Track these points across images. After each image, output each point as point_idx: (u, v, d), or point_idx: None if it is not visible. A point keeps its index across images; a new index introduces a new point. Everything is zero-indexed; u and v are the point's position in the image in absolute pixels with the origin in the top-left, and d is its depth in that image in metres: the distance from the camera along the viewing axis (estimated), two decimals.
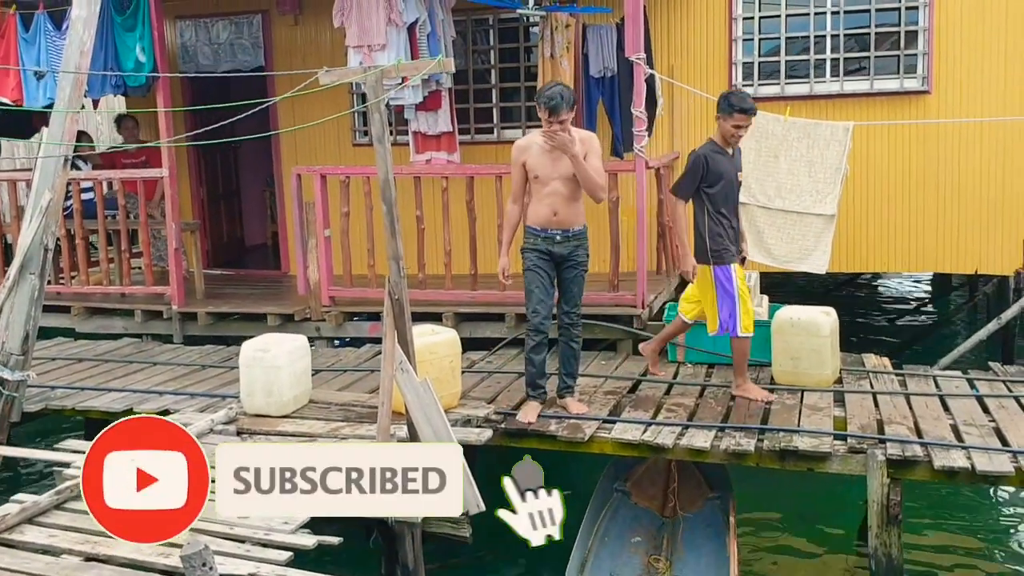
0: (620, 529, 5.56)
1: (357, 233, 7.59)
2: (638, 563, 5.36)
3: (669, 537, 5.54)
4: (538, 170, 5.50)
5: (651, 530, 5.61)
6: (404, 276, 4.74)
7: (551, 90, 5.36)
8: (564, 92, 5.35)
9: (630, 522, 5.65)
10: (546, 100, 5.30)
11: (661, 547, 5.49)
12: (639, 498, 5.82)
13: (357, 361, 7.17)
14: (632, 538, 5.53)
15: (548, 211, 5.52)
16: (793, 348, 6.15)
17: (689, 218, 5.96)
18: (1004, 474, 4.76)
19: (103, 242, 8.31)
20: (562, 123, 5.29)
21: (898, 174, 7.86)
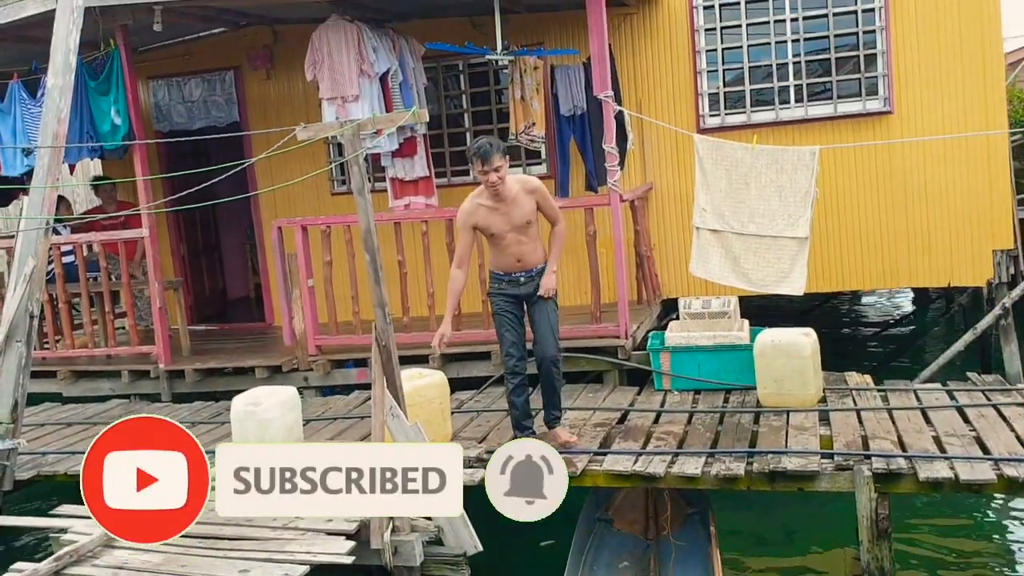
0: (607, 557, 5.64)
1: (340, 281, 7.67)
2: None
3: (655, 558, 5.63)
4: (492, 228, 5.54)
5: (637, 553, 5.69)
6: (390, 322, 4.83)
7: (478, 141, 5.34)
8: (492, 140, 5.37)
9: (616, 548, 5.71)
10: (476, 150, 5.26)
11: (648, 569, 5.57)
12: (621, 524, 5.90)
13: (347, 408, 7.21)
14: (619, 564, 5.61)
15: (512, 259, 5.61)
16: (776, 370, 6.26)
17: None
18: (987, 482, 4.86)
19: (86, 305, 8.33)
20: (497, 170, 5.29)
21: (867, 194, 8.04)
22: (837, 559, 6.10)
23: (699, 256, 7.07)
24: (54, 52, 6.06)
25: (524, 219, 5.47)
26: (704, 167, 6.91)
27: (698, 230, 7.05)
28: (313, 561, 4.35)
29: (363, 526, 4.71)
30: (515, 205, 5.44)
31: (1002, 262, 7.77)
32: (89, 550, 4.54)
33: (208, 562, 4.42)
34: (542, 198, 5.53)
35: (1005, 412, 5.80)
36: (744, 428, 5.93)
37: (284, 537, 4.64)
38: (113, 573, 4.35)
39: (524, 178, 5.61)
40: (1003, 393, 6.24)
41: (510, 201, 5.42)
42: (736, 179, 6.82)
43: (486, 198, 5.45)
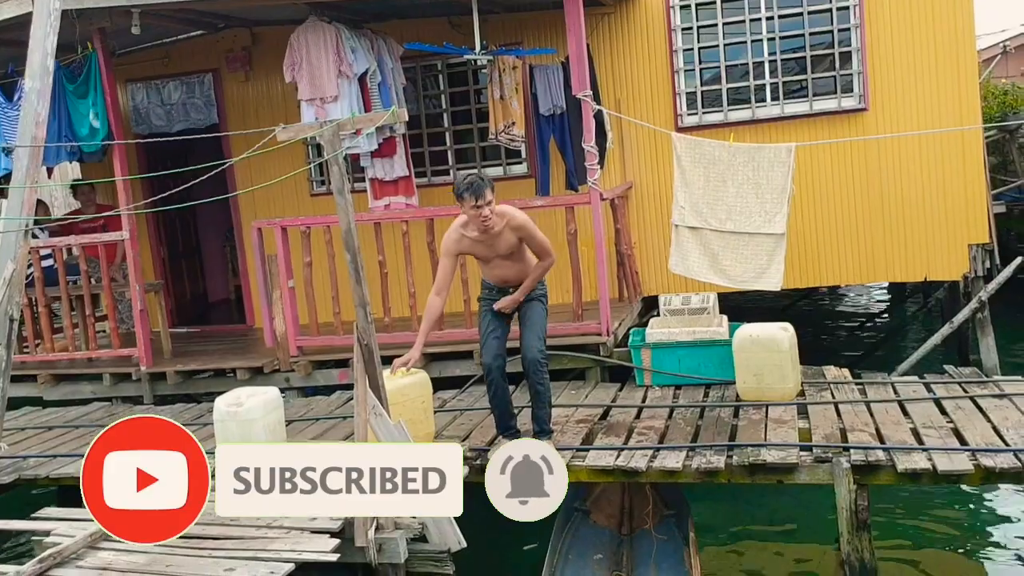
0: (582, 548, 5.72)
1: (321, 281, 7.68)
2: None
3: (628, 553, 5.71)
4: (478, 254, 5.61)
5: (611, 547, 5.78)
6: (372, 321, 4.84)
7: (468, 177, 5.28)
8: (481, 175, 5.34)
9: (591, 540, 5.80)
10: (467, 186, 5.20)
11: (621, 563, 5.64)
12: (598, 517, 5.99)
13: (329, 409, 7.22)
14: (594, 556, 5.68)
15: (499, 278, 5.66)
16: (755, 365, 6.33)
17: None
18: (964, 472, 4.93)
19: (66, 308, 8.30)
20: (489, 204, 5.28)
21: (843, 190, 8.14)
22: (818, 552, 6.19)
23: (678, 253, 7.12)
24: (31, 55, 6.01)
25: (508, 250, 5.51)
26: (682, 165, 6.96)
27: (677, 227, 7.10)
28: (298, 559, 4.35)
29: (347, 524, 4.72)
30: (500, 238, 5.46)
31: (978, 256, 7.88)
32: (73, 552, 4.53)
33: (194, 562, 4.42)
34: (527, 235, 5.48)
35: (982, 404, 5.88)
36: (724, 422, 5.98)
37: (269, 536, 4.65)
38: (98, 574, 4.34)
39: (509, 213, 5.44)
40: (980, 385, 6.32)
41: (494, 234, 5.43)
42: (714, 177, 6.88)
43: (471, 230, 5.44)
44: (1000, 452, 5.01)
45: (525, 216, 5.52)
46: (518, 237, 5.47)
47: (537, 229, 5.55)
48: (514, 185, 8.63)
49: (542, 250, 5.55)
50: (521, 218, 5.47)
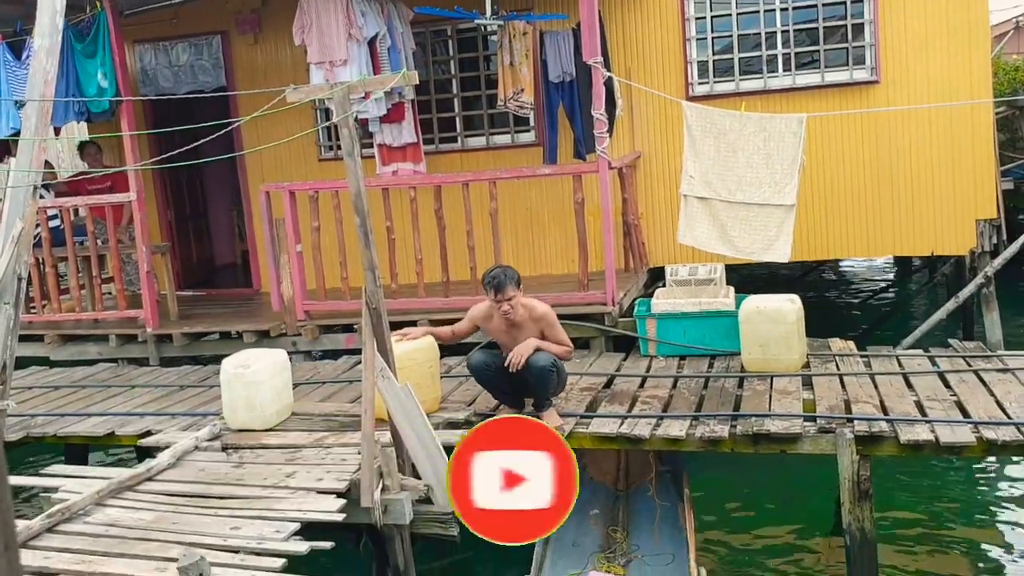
0: (579, 504, 5.76)
1: (328, 247, 7.68)
2: (598, 534, 5.64)
3: (625, 509, 5.81)
4: (496, 338, 5.78)
5: (607, 504, 5.89)
6: (380, 285, 4.85)
7: (493, 271, 5.54)
8: (507, 270, 5.55)
9: (588, 497, 5.87)
10: (490, 280, 5.46)
11: (617, 519, 5.76)
12: (594, 473, 6.10)
13: (335, 373, 7.25)
14: (590, 511, 5.78)
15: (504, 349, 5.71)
16: (761, 336, 6.33)
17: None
18: (966, 444, 4.95)
19: (73, 269, 8.31)
20: (510, 300, 5.45)
21: (853, 163, 8.10)
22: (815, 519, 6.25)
23: (687, 224, 7.10)
24: (40, 13, 5.97)
25: (525, 339, 5.57)
26: (692, 134, 6.93)
27: (686, 198, 7.07)
28: (304, 518, 4.40)
29: (353, 485, 4.77)
30: (521, 329, 5.59)
31: (985, 232, 7.86)
32: (80, 508, 4.58)
33: (199, 520, 4.47)
34: (547, 326, 5.60)
35: (985, 377, 5.90)
36: (728, 392, 6.00)
37: (275, 496, 4.70)
38: (105, 530, 4.39)
39: (531, 305, 5.59)
40: (984, 359, 6.33)
41: (517, 326, 5.59)
42: (724, 147, 6.84)
43: (497, 316, 5.60)
44: (1002, 425, 5.03)
45: (548, 308, 5.66)
46: (539, 329, 5.59)
47: (557, 321, 5.67)
48: (522, 153, 8.61)
49: (560, 342, 5.65)
50: (542, 310, 5.62)
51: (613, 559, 5.41)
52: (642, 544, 5.52)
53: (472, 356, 5.70)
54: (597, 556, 5.43)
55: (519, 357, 5.42)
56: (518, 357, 5.42)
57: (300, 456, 5.23)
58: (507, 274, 5.49)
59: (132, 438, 6.05)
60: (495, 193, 7.23)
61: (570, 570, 5.25)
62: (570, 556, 5.39)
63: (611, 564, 5.35)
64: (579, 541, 5.53)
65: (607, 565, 5.33)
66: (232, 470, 5.11)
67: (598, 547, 5.55)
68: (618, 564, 5.35)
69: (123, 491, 4.82)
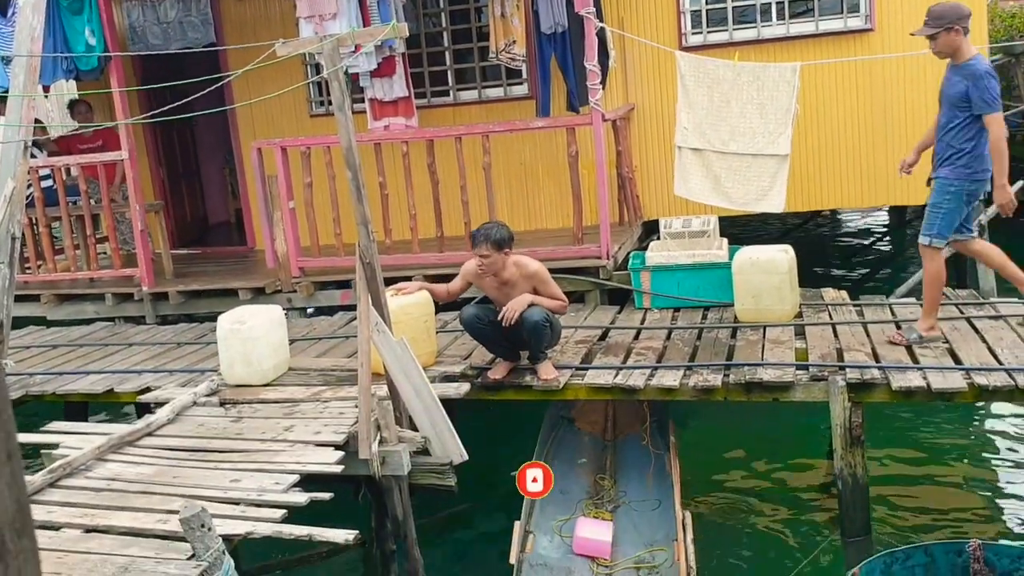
0: (567, 453, 5.93)
1: (321, 203, 7.66)
2: (586, 481, 5.73)
3: (612, 458, 5.91)
4: (489, 295, 5.78)
5: (595, 452, 5.98)
6: (374, 240, 4.86)
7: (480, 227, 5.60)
8: (491, 229, 5.52)
9: (575, 446, 6.01)
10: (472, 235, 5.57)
11: (605, 467, 5.85)
12: (583, 424, 6.20)
13: (331, 329, 7.28)
14: (578, 460, 5.88)
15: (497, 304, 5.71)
16: (754, 287, 6.36)
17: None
18: (958, 390, 5.01)
19: (67, 228, 8.30)
20: (485, 256, 5.46)
21: (847, 111, 8.06)
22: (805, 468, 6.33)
23: (681, 175, 7.09)
24: None
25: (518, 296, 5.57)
26: (686, 85, 6.90)
27: (680, 149, 7.06)
28: (303, 471, 4.45)
29: (351, 437, 4.82)
30: (513, 287, 5.59)
31: None
32: (82, 463, 4.63)
33: (200, 474, 4.52)
34: (540, 282, 5.59)
35: (978, 325, 5.94)
36: (722, 343, 6.05)
37: (274, 449, 4.75)
38: (106, 484, 4.44)
39: (523, 263, 5.60)
40: (976, 307, 6.37)
41: (510, 283, 5.59)
42: (718, 97, 6.82)
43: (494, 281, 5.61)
44: (994, 371, 5.08)
45: (539, 265, 5.65)
46: (531, 286, 5.59)
47: (550, 278, 5.66)
48: (514, 106, 8.56)
49: (554, 298, 5.64)
50: (534, 267, 5.62)
51: (601, 505, 5.50)
52: (629, 491, 5.61)
53: (464, 310, 5.72)
54: (585, 503, 5.52)
55: (512, 312, 5.44)
56: (511, 312, 5.44)
57: (298, 410, 5.28)
58: (488, 232, 5.49)
59: (131, 395, 6.10)
60: (488, 147, 7.20)
61: (559, 516, 5.35)
62: (559, 503, 5.47)
63: (599, 510, 5.44)
64: (567, 489, 5.62)
65: (595, 511, 5.42)
66: (231, 424, 5.16)
67: (586, 494, 5.63)
68: (606, 510, 5.45)
69: (123, 446, 4.87)
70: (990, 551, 4.24)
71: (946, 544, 4.38)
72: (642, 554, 5.07)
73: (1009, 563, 4.20)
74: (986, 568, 4.20)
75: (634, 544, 5.16)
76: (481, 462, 5.76)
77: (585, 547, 5.06)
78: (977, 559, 4.21)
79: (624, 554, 5.09)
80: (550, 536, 5.21)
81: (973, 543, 4.25)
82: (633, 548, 5.13)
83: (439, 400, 4.97)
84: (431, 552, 5.08)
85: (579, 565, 5.00)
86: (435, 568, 5.06)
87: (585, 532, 5.10)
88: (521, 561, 4.88)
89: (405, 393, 4.95)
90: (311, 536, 3.85)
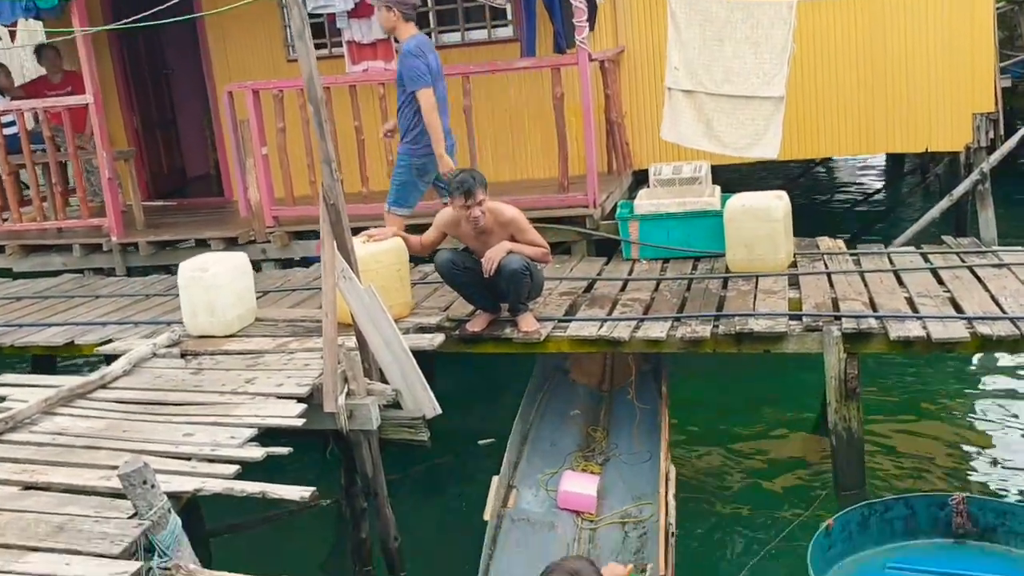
0: (559, 404, 5.73)
1: (296, 151, 7.33)
2: (577, 433, 5.53)
3: (607, 410, 5.72)
4: (467, 243, 5.47)
5: (589, 404, 5.78)
6: (338, 179, 4.53)
7: (460, 175, 5.18)
8: (475, 173, 5.22)
9: (569, 397, 5.80)
10: (458, 184, 5.11)
11: (599, 419, 5.66)
12: (578, 375, 5.97)
13: (306, 280, 6.98)
14: (571, 411, 5.67)
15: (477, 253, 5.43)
16: (746, 235, 6.07)
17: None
18: (960, 340, 4.75)
19: (33, 178, 7.97)
20: (480, 204, 5.11)
21: (845, 52, 7.70)
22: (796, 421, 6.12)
23: (671, 119, 6.77)
24: None
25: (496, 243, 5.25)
26: (677, 23, 6.55)
27: (670, 91, 6.73)
28: (262, 424, 4.19)
29: (316, 390, 4.55)
30: (491, 235, 5.27)
31: (982, 126, 7.52)
32: (27, 416, 4.35)
33: (151, 427, 4.25)
34: (517, 230, 5.28)
35: (980, 273, 5.67)
36: (712, 293, 5.78)
37: (232, 402, 4.48)
38: (51, 439, 4.17)
39: (498, 210, 5.26)
40: (978, 255, 6.09)
41: (488, 232, 5.26)
42: (710, 36, 6.48)
43: (466, 222, 5.26)
44: (998, 320, 4.82)
45: (516, 212, 5.33)
46: (508, 234, 5.27)
47: (529, 225, 5.35)
48: (499, 49, 8.18)
49: (535, 244, 5.33)
50: (510, 214, 5.30)
51: (591, 458, 5.30)
52: (621, 444, 5.41)
53: (439, 254, 5.41)
54: (575, 455, 5.30)
55: (490, 262, 5.14)
56: (489, 262, 5.14)
57: (262, 362, 5.01)
58: (475, 177, 5.16)
59: (91, 347, 5.82)
60: (469, 89, 6.86)
61: (547, 469, 5.15)
62: (547, 455, 5.28)
63: (588, 463, 5.24)
64: (557, 441, 5.43)
65: (584, 464, 5.21)
66: (190, 377, 4.89)
67: (577, 447, 5.43)
68: (595, 463, 5.25)
69: (74, 399, 4.59)
70: (974, 505, 4.12)
71: (928, 497, 4.25)
72: (628, 508, 4.85)
73: (994, 518, 4.10)
74: (970, 522, 4.04)
75: (622, 498, 4.98)
76: (460, 420, 5.54)
77: (569, 501, 4.88)
78: (960, 513, 4.09)
79: (611, 508, 4.91)
80: (535, 490, 5.02)
81: (957, 497, 4.12)
82: (620, 502, 4.95)
83: (411, 352, 4.70)
84: (404, 510, 4.84)
85: (563, 520, 4.81)
86: (408, 526, 4.82)
87: (570, 486, 4.90)
88: (501, 517, 4.69)
89: (374, 344, 4.66)
90: (264, 493, 3.58)
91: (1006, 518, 4.03)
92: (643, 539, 4.64)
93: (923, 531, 4.16)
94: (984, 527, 4.06)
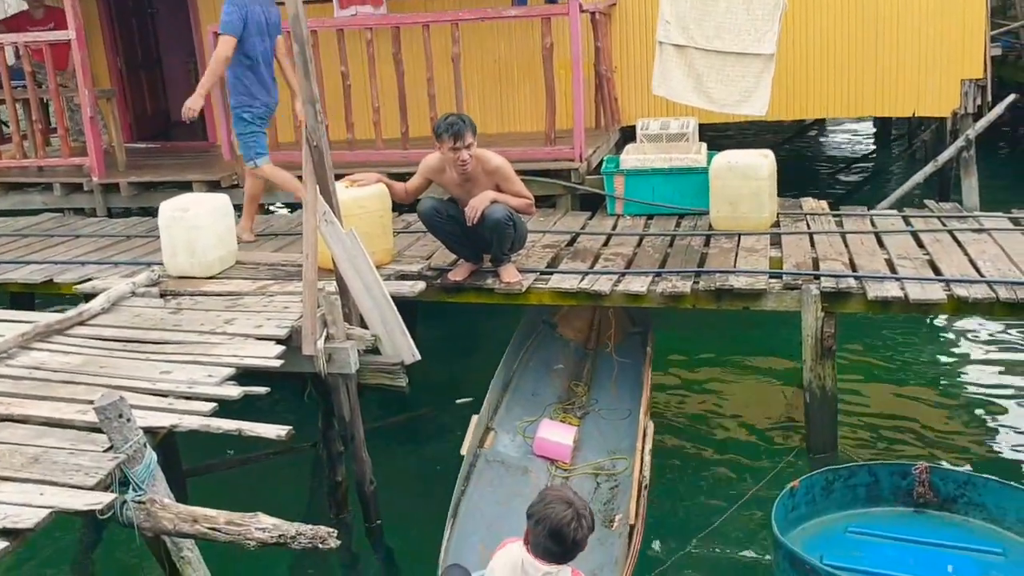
0: (544, 357, 5.76)
1: (282, 95, 7.22)
2: (559, 386, 5.58)
3: (591, 366, 5.73)
4: (451, 191, 5.40)
5: (574, 360, 5.80)
6: (322, 121, 4.49)
7: (449, 118, 5.10)
8: (463, 116, 5.14)
9: (554, 351, 5.82)
10: (447, 127, 5.04)
11: (582, 375, 5.68)
12: (565, 331, 5.98)
13: (289, 226, 6.94)
14: (555, 365, 5.71)
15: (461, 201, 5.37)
16: (731, 193, 6.07)
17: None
18: (936, 302, 4.78)
19: (12, 114, 7.85)
20: (468, 147, 5.05)
21: (836, 17, 7.66)
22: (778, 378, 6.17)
23: (661, 73, 6.73)
24: None
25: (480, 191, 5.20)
26: None
27: (661, 45, 6.68)
28: (239, 364, 4.18)
29: (295, 332, 4.55)
30: (476, 183, 5.22)
31: (970, 92, 7.51)
32: (3, 350, 4.33)
33: (129, 364, 4.24)
34: (502, 179, 5.23)
35: (960, 237, 5.70)
36: (694, 250, 5.79)
37: (211, 342, 4.47)
38: (28, 372, 4.15)
39: (484, 157, 5.20)
40: (959, 219, 6.12)
41: (472, 180, 5.21)
42: None
43: (450, 169, 5.20)
44: (975, 283, 4.85)
45: (502, 161, 5.27)
46: (494, 183, 5.22)
47: (515, 175, 5.30)
48: None
49: (519, 195, 5.29)
50: (496, 162, 5.24)
51: (571, 411, 5.33)
52: (601, 399, 5.45)
53: (422, 202, 5.38)
54: (555, 407, 5.35)
55: (474, 211, 5.12)
56: (472, 211, 5.12)
57: (241, 303, 4.98)
58: (465, 120, 5.11)
59: (70, 285, 5.77)
60: (458, 36, 6.78)
61: (526, 416, 5.20)
62: (527, 404, 5.33)
63: (567, 415, 5.28)
64: (539, 391, 5.47)
65: (563, 415, 5.25)
66: (169, 316, 4.87)
67: (557, 399, 5.47)
68: (574, 415, 5.28)
69: (51, 335, 4.57)
70: (936, 475, 4.16)
71: (891, 465, 4.29)
72: (602, 461, 4.90)
73: (955, 488, 4.14)
74: (931, 492, 4.09)
75: (597, 451, 5.03)
76: (440, 374, 5.54)
77: (545, 449, 4.93)
78: (922, 482, 4.14)
79: (585, 459, 4.96)
80: (512, 435, 5.08)
81: (920, 466, 4.17)
82: (596, 455, 4.99)
83: (392, 298, 4.70)
84: (381, 455, 4.87)
85: (537, 466, 4.87)
86: (385, 471, 4.85)
87: (547, 433, 4.96)
88: (477, 456, 4.74)
89: (355, 289, 4.66)
90: (240, 431, 3.58)
91: (966, 488, 4.07)
92: (615, 491, 4.69)
93: (885, 499, 4.19)
94: (945, 497, 4.11)
